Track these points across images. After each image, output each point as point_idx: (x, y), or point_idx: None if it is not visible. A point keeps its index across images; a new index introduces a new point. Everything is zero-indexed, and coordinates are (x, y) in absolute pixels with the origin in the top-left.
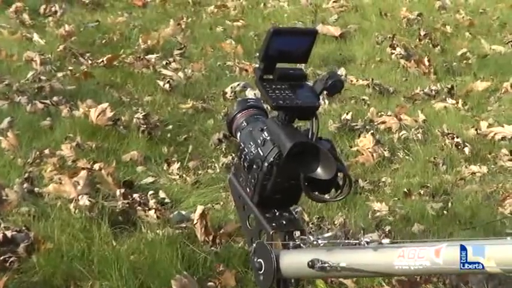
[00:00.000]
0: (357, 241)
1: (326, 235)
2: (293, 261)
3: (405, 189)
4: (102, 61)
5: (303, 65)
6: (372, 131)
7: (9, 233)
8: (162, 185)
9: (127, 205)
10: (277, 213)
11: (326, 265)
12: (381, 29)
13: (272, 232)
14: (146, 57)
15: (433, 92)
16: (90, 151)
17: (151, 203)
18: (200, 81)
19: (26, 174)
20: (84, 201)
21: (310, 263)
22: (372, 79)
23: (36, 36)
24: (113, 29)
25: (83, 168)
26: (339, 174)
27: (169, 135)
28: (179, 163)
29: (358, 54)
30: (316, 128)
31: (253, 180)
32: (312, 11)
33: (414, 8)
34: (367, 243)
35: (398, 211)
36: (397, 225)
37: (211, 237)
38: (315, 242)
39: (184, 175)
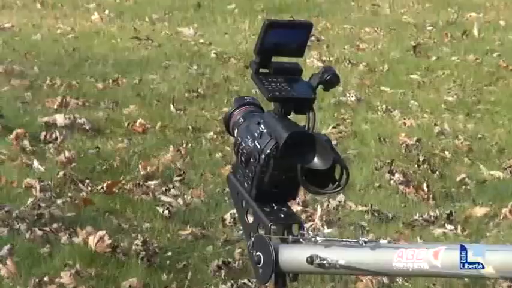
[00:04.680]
0: (355, 240)
1: (325, 231)
2: (291, 255)
3: None
4: (102, 188)
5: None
6: None
7: None
8: None
9: None
10: (275, 208)
11: (325, 262)
12: (379, 154)
13: (270, 224)
14: (146, 183)
15: (432, 218)
16: (89, 278)
17: None
18: (199, 208)
19: None
20: None
21: (308, 259)
22: (371, 205)
23: (36, 163)
24: (112, 155)
25: None
26: (335, 166)
27: (168, 262)
28: None
29: (357, 180)
30: (312, 120)
31: (250, 174)
32: None
33: (413, 134)
34: (365, 242)
35: None
36: None
37: None
38: (313, 239)
39: None
